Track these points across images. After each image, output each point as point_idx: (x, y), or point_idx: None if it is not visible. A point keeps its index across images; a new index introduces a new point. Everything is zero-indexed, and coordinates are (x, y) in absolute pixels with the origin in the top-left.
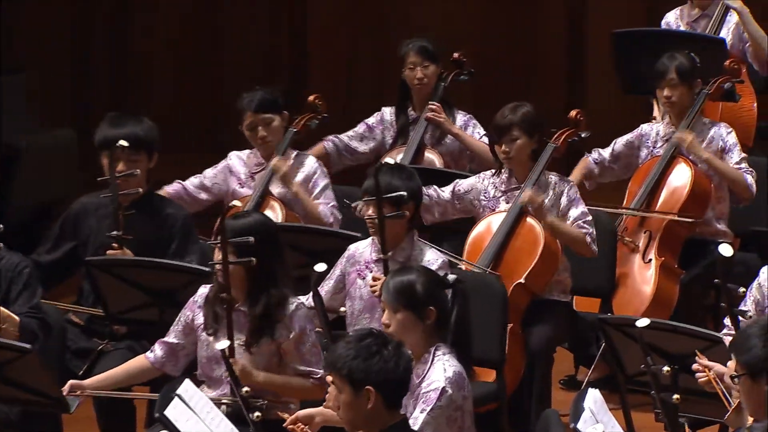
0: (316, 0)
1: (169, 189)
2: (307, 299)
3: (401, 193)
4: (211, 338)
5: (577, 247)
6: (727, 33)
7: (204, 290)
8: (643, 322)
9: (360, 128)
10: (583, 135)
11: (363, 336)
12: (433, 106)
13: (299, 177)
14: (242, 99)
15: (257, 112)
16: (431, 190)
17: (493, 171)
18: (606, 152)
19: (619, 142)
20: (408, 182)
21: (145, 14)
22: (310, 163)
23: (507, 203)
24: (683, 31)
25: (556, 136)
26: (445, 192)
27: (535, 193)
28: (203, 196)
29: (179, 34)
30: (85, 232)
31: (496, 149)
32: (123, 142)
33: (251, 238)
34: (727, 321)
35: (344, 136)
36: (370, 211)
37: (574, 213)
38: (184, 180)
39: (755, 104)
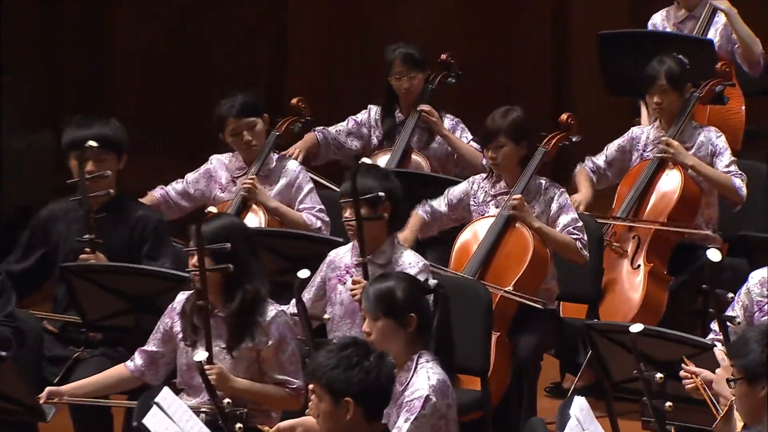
0: (299, 2)
1: (155, 194)
2: (289, 308)
3: (378, 193)
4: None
5: (568, 253)
6: (714, 34)
7: (182, 297)
8: (636, 328)
9: (348, 124)
10: (574, 139)
11: (345, 345)
12: (426, 107)
13: (282, 182)
14: (221, 105)
15: (240, 116)
16: (428, 207)
17: (483, 175)
18: (600, 159)
19: (611, 148)
20: (384, 182)
21: (121, 16)
22: (292, 167)
23: (496, 208)
24: (671, 33)
25: (546, 140)
26: (441, 206)
27: (523, 198)
28: (184, 203)
29: (157, 36)
30: (55, 237)
31: (484, 153)
32: (92, 143)
33: (228, 245)
34: (714, 326)
35: (332, 129)
36: (347, 213)
37: (564, 219)
38: (166, 184)
39: (743, 107)
